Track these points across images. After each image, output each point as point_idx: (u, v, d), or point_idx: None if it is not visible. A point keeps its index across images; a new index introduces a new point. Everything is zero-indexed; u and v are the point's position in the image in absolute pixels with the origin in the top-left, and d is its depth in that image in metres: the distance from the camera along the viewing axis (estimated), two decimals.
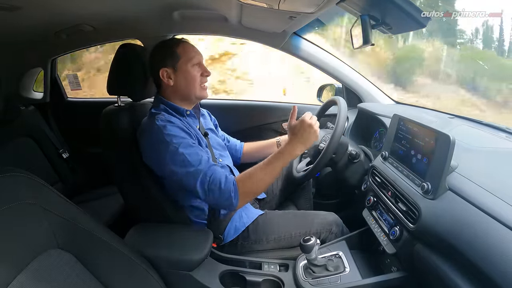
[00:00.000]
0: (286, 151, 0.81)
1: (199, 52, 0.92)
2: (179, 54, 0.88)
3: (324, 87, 1.54)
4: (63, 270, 0.51)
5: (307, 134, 0.81)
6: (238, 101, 1.78)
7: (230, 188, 0.77)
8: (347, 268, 0.79)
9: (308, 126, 0.81)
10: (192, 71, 0.89)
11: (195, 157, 0.79)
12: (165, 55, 0.88)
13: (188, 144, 0.81)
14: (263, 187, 0.83)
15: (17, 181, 0.50)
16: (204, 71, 0.91)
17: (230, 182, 0.78)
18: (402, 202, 0.72)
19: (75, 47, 1.57)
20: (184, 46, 0.90)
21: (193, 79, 0.89)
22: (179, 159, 0.78)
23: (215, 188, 0.77)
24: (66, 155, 1.58)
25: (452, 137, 0.60)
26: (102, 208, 1.36)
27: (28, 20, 1.03)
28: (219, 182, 0.77)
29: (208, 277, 0.77)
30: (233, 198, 0.77)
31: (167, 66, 0.88)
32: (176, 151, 0.78)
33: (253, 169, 0.82)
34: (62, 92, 1.71)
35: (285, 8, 0.86)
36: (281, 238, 0.93)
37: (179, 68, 0.88)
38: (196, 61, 0.90)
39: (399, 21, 0.82)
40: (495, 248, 0.47)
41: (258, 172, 0.81)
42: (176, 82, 0.89)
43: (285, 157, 0.81)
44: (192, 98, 0.91)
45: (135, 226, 0.83)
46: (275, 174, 0.82)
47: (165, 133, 0.79)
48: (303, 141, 0.81)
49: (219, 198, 0.78)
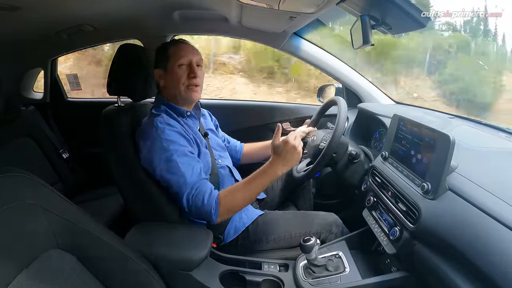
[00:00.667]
0: (267, 171, 0.82)
1: (192, 53, 0.89)
2: (169, 55, 0.88)
3: (324, 87, 1.54)
4: (63, 270, 0.51)
5: (290, 155, 0.81)
6: (238, 101, 1.79)
7: (212, 204, 0.79)
8: (347, 268, 0.79)
9: (291, 148, 0.81)
10: (178, 71, 0.87)
11: (187, 168, 0.80)
12: (159, 56, 0.90)
13: (184, 153, 0.82)
14: (244, 204, 0.84)
15: (17, 181, 0.49)
16: (190, 72, 0.88)
17: (212, 198, 0.80)
18: (402, 202, 0.72)
19: (75, 47, 1.57)
20: (177, 47, 0.89)
21: (178, 79, 0.87)
22: (172, 166, 0.80)
23: (198, 202, 0.79)
24: (66, 155, 1.58)
25: (452, 137, 0.60)
26: (102, 208, 1.36)
27: (28, 20, 1.03)
28: (202, 197, 0.79)
29: (208, 277, 0.77)
30: (213, 214, 0.79)
31: (160, 67, 0.90)
32: (170, 158, 0.79)
33: (236, 186, 0.84)
34: (62, 92, 1.71)
35: (285, 8, 0.86)
36: (281, 239, 0.93)
37: (168, 69, 0.89)
38: (184, 62, 0.87)
39: (399, 21, 0.82)
40: (495, 248, 0.47)
41: (241, 189, 0.82)
42: (166, 83, 0.90)
43: (266, 178, 0.82)
44: (178, 99, 0.90)
45: (135, 226, 0.83)
46: (257, 192, 0.83)
47: (163, 138, 0.80)
48: (285, 163, 0.82)
49: (199, 212, 0.81)
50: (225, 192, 0.83)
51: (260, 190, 0.83)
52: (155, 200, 0.84)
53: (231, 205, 0.81)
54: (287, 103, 1.65)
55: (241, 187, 0.82)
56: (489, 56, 3.39)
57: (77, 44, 1.50)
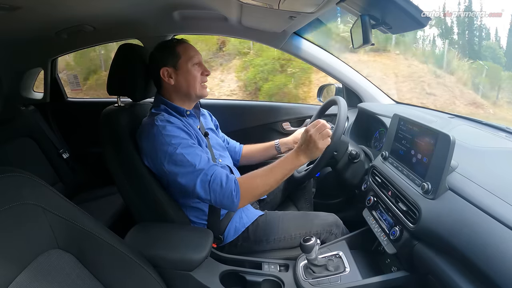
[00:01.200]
0: (289, 158, 0.82)
1: (198, 52, 0.93)
2: (180, 54, 0.89)
3: (324, 87, 1.54)
4: (63, 271, 0.51)
5: (306, 145, 0.81)
6: (238, 101, 1.79)
7: (232, 186, 0.77)
8: (347, 268, 0.79)
9: (309, 138, 0.81)
10: (192, 70, 0.90)
11: (195, 157, 0.79)
12: (166, 55, 0.89)
13: (188, 144, 0.81)
14: (264, 190, 0.83)
15: (17, 181, 0.49)
16: (204, 70, 0.92)
17: (231, 180, 0.78)
18: (402, 202, 0.72)
19: (75, 47, 1.57)
20: (185, 45, 0.91)
21: (194, 78, 0.90)
22: (178, 159, 0.78)
23: (217, 187, 0.77)
24: (66, 155, 1.58)
25: (452, 137, 0.60)
26: (102, 208, 1.36)
27: (28, 20, 1.03)
28: (220, 180, 0.78)
29: (208, 277, 0.77)
30: (235, 197, 0.77)
31: (168, 65, 0.89)
32: (174, 152, 0.78)
33: (255, 171, 0.83)
34: (62, 92, 1.71)
35: (285, 8, 0.86)
36: (281, 239, 0.93)
37: (180, 67, 0.89)
38: (196, 61, 0.90)
39: (399, 21, 0.82)
40: (495, 248, 0.47)
41: (260, 175, 0.81)
42: (177, 81, 0.90)
43: (287, 165, 0.82)
44: (192, 96, 0.92)
45: (135, 226, 0.83)
46: (277, 179, 0.82)
47: (164, 134, 0.79)
48: (307, 152, 0.82)
49: (220, 197, 0.78)
50: (243, 176, 0.82)
51: (280, 177, 0.81)
52: (156, 200, 0.84)
53: (250, 189, 0.80)
54: (287, 103, 1.65)
55: (260, 173, 0.82)
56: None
57: (77, 44, 1.50)
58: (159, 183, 0.86)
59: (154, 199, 0.84)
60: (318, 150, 0.82)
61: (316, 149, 0.81)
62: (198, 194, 0.79)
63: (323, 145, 0.82)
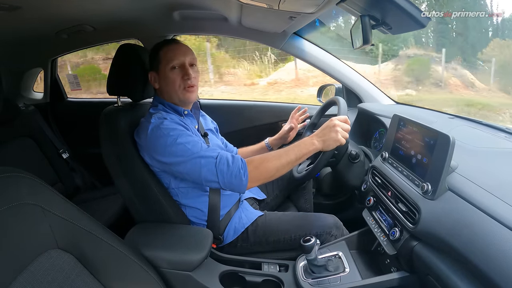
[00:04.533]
0: (304, 141, 0.81)
1: (185, 53, 0.87)
2: (161, 57, 0.87)
3: (324, 87, 1.54)
4: (63, 271, 0.51)
5: (327, 132, 0.81)
6: (238, 101, 1.78)
7: (239, 163, 0.76)
8: (347, 268, 0.79)
9: (333, 126, 0.81)
10: (170, 74, 0.86)
11: (195, 144, 0.78)
12: (151, 59, 0.90)
13: (187, 134, 0.80)
14: (273, 172, 0.79)
15: (17, 181, 0.49)
16: (185, 74, 0.86)
17: (237, 159, 0.77)
18: (402, 202, 0.72)
19: (75, 47, 1.57)
20: (167, 48, 0.87)
21: (172, 82, 0.86)
22: (179, 149, 0.77)
23: (223, 167, 0.76)
24: (66, 155, 1.58)
25: (452, 138, 0.60)
26: (102, 208, 1.36)
27: (28, 20, 1.03)
28: (226, 160, 0.76)
29: (208, 278, 0.77)
30: (243, 175, 0.75)
31: (153, 69, 0.89)
32: (174, 142, 0.77)
33: (267, 153, 0.82)
34: (62, 92, 1.71)
35: (285, 8, 0.86)
36: (281, 240, 0.93)
37: (160, 71, 0.88)
38: (176, 64, 0.86)
39: (399, 21, 0.82)
40: (495, 248, 0.47)
41: (272, 155, 0.80)
42: (160, 85, 0.89)
43: (301, 147, 0.80)
44: (176, 101, 0.90)
45: (135, 226, 0.83)
46: (289, 161, 0.79)
47: (162, 127, 0.79)
48: (324, 139, 0.81)
49: (228, 177, 0.76)
50: (252, 157, 0.80)
51: (294, 158, 0.79)
52: (155, 200, 0.84)
53: (259, 168, 0.77)
54: (287, 103, 1.65)
55: (272, 154, 0.80)
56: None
57: (77, 44, 1.50)
58: (159, 183, 0.86)
59: (154, 199, 0.84)
60: (334, 141, 0.80)
61: (333, 139, 0.80)
62: (205, 177, 0.77)
63: (341, 139, 0.81)
